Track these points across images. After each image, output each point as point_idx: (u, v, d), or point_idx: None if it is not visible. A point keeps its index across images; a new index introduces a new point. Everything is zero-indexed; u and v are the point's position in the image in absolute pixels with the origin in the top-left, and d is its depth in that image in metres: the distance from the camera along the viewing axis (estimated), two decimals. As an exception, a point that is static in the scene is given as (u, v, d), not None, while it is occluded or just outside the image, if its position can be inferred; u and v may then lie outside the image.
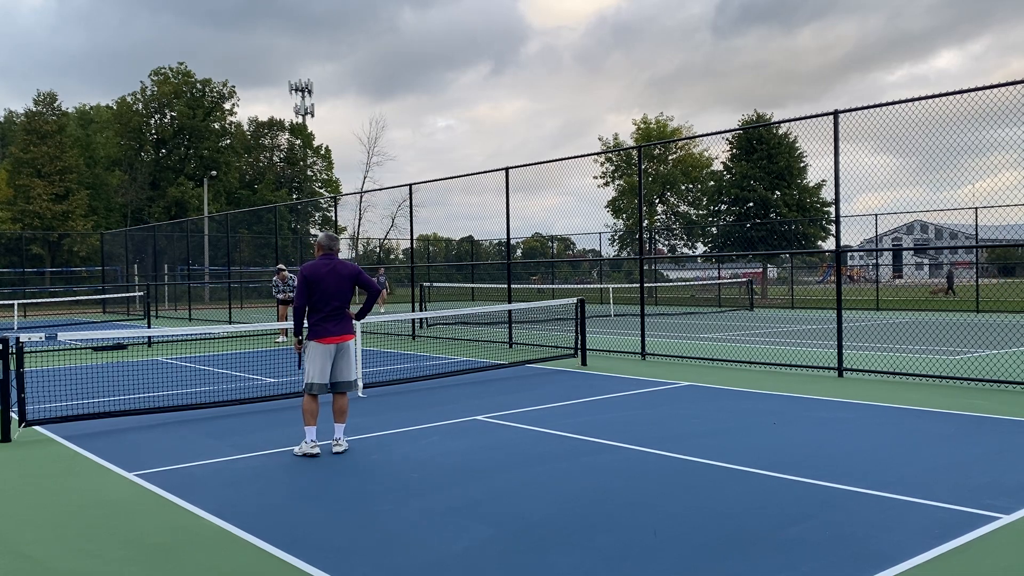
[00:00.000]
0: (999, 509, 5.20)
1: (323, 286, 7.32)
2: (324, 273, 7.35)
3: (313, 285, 7.31)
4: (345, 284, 7.38)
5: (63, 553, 4.81)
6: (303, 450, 7.19)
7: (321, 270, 7.35)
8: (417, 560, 4.53)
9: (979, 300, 25.86)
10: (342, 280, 7.37)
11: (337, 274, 7.37)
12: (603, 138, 50.28)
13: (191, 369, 13.83)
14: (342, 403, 7.42)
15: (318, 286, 7.31)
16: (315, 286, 7.31)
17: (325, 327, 7.31)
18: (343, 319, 7.39)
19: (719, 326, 21.70)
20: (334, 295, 7.33)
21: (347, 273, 7.42)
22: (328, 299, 7.32)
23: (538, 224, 61.94)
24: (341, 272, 7.39)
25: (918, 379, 10.91)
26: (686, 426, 8.13)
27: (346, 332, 7.41)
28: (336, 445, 7.32)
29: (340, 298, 7.36)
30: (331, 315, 7.32)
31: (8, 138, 54.72)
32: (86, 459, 7.26)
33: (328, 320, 7.32)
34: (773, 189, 36.15)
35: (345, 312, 7.42)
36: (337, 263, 7.45)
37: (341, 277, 7.37)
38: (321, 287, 7.31)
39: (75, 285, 43.42)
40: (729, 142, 37.09)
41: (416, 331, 20.45)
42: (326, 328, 7.31)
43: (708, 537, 4.81)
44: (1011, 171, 12.18)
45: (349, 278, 7.41)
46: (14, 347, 8.06)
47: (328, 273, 7.35)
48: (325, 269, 7.36)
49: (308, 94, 70.19)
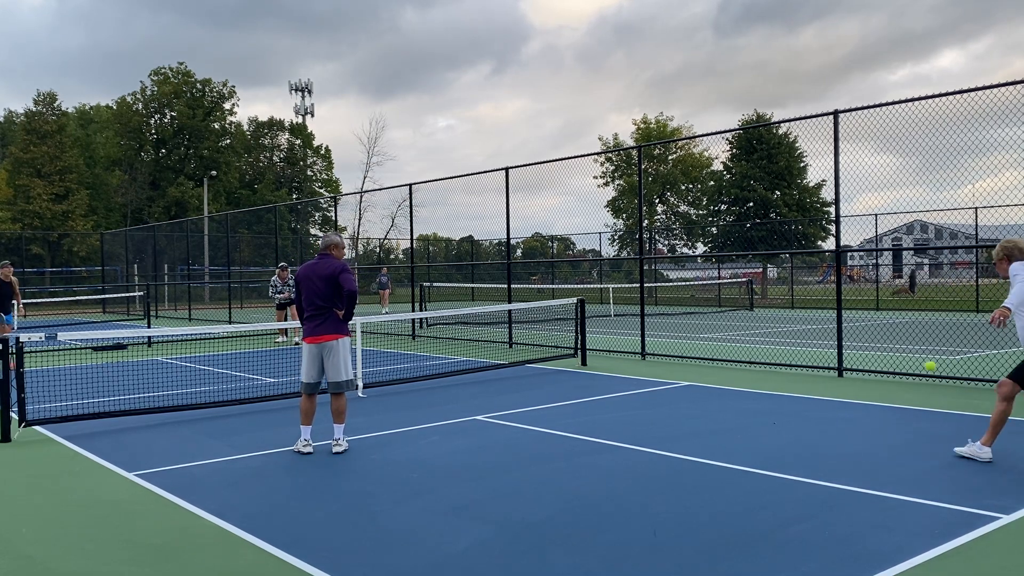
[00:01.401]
0: (999, 509, 5.20)
1: (305, 285, 7.41)
2: (307, 273, 7.43)
3: (299, 284, 7.47)
4: (322, 284, 7.33)
5: (63, 553, 4.81)
6: (297, 448, 7.30)
7: (306, 270, 7.45)
8: (417, 560, 4.53)
9: (979, 300, 25.84)
10: (320, 280, 7.34)
11: (316, 274, 7.37)
12: (603, 138, 50.33)
13: (191, 369, 13.83)
14: (338, 404, 7.43)
15: (302, 285, 7.44)
16: (300, 285, 7.46)
17: (309, 326, 7.40)
18: (326, 319, 7.36)
19: (719, 326, 21.70)
20: (314, 294, 7.36)
21: (326, 272, 7.36)
22: (310, 298, 7.38)
23: (538, 224, 62.01)
24: (320, 272, 7.37)
25: (918, 379, 10.91)
26: (686, 426, 8.13)
27: (328, 332, 7.36)
28: (336, 445, 7.33)
29: (320, 297, 7.34)
30: (313, 315, 7.38)
31: (8, 138, 54.71)
32: (86, 459, 7.26)
33: (311, 319, 7.39)
34: (773, 189, 36.16)
35: (330, 312, 7.37)
36: (320, 263, 7.44)
37: (319, 277, 7.35)
38: (304, 286, 7.42)
39: (75, 285, 43.42)
40: (729, 142, 37.12)
41: (416, 331, 20.45)
42: (309, 327, 7.40)
43: (708, 537, 4.81)
44: (1012, 171, 12.17)
45: (327, 278, 7.34)
46: (14, 347, 8.07)
47: (310, 273, 7.41)
48: (309, 269, 7.43)
49: (308, 94, 70.15)
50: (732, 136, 36.03)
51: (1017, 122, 9.67)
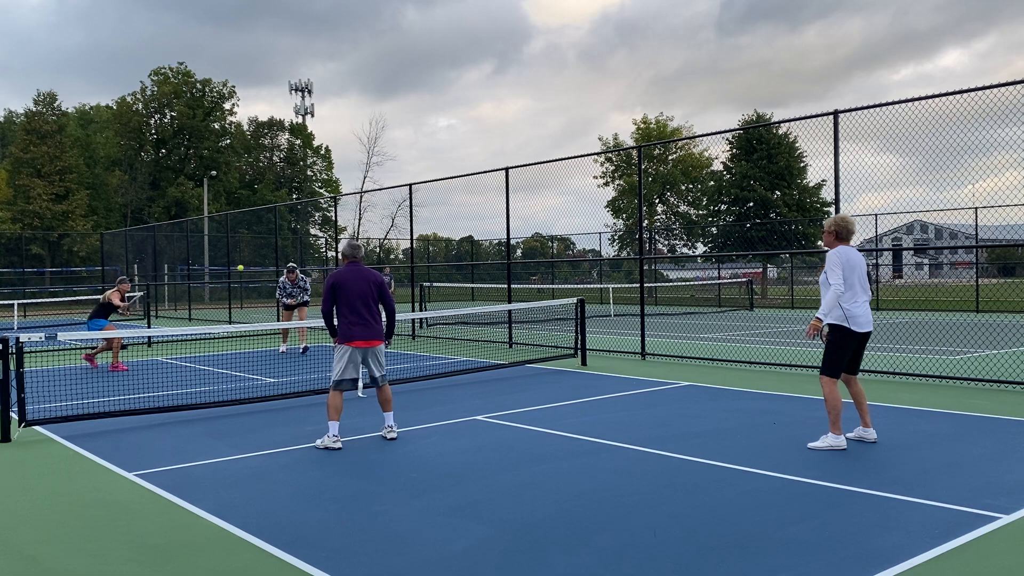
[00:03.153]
0: (999, 509, 5.20)
1: (349, 290, 7.54)
2: (351, 279, 7.59)
3: (339, 290, 7.57)
4: (369, 289, 7.60)
5: (63, 553, 4.81)
6: (325, 443, 7.37)
7: (349, 275, 7.61)
8: (417, 560, 4.53)
9: (979, 300, 25.86)
10: (367, 284, 7.61)
11: (363, 279, 7.61)
12: (603, 138, 50.32)
13: (191, 369, 13.83)
14: (386, 393, 7.80)
15: (342, 291, 7.55)
16: (338, 291, 7.57)
17: (353, 331, 7.54)
18: (373, 324, 7.60)
19: (719, 326, 21.70)
20: (358, 300, 7.54)
21: (371, 278, 7.68)
22: (353, 304, 7.54)
23: (538, 224, 62.01)
24: (367, 278, 7.64)
25: (918, 379, 10.91)
26: (686, 426, 8.12)
27: (375, 337, 7.63)
28: (389, 432, 7.70)
29: (366, 303, 7.58)
30: (360, 320, 7.54)
31: (8, 138, 54.71)
32: (86, 459, 7.26)
33: (356, 324, 7.54)
34: (773, 189, 36.16)
35: (376, 316, 7.64)
36: (361, 269, 7.72)
37: (366, 282, 7.61)
38: (345, 292, 7.54)
39: (75, 285, 43.40)
40: (729, 142, 37.12)
41: (416, 331, 20.45)
42: (355, 332, 7.54)
43: (708, 537, 4.80)
44: (1013, 171, 12.18)
45: (374, 285, 7.64)
46: (14, 347, 8.06)
47: (356, 278, 7.59)
48: (353, 274, 7.61)
49: (308, 94, 70.27)
50: (732, 136, 36.03)
51: (1018, 122, 9.67)
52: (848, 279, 6.75)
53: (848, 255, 6.81)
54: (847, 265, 6.76)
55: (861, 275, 6.88)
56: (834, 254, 6.80)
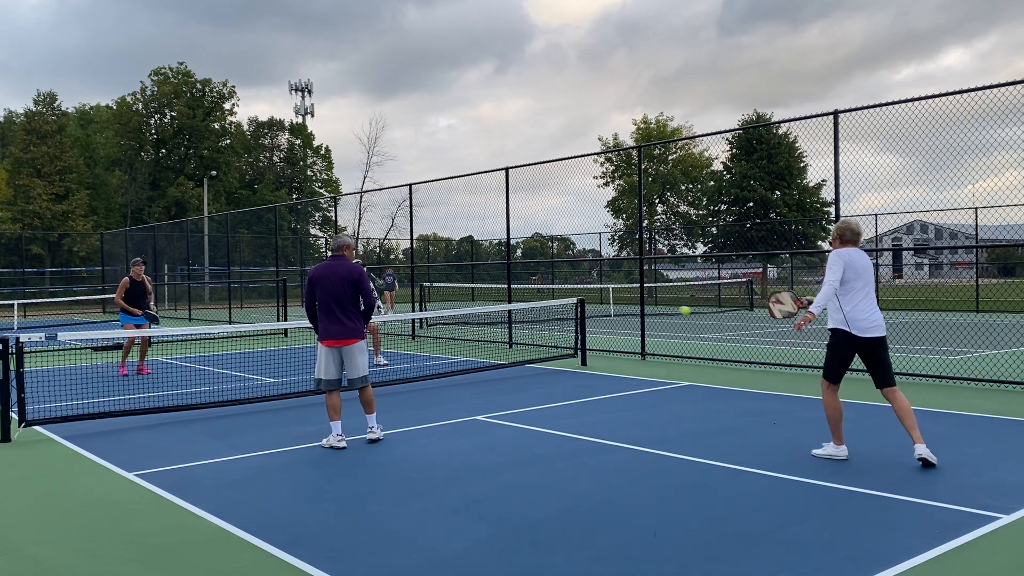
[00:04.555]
0: (999, 509, 5.20)
1: (322, 286, 7.40)
2: (324, 274, 7.42)
3: (313, 285, 7.45)
4: (341, 285, 7.37)
5: (63, 553, 4.81)
6: (329, 443, 7.38)
7: (323, 271, 7.45)
8: (417, 560, 4.53)
9: (979, 300, 25.86)
10: (340, 281, 7.38)
11: (335, 275, 7.40)
12: (603, 138, 50.31)
13: (191, 369, 13.83)
14: (366, 396, 7.66)
15: (317, 286, 7.43)
16: (314, 286, 7.46)
17: (327, 328, 7.42)
18: (345, 323, 7.40)
19: (719, 326, 21.70)
20: (332, 297, 7.37)
21: (344, 275, 7.41)
22: (327, 301, 7.39)
23: (538, 224, 62.05)
24: (339, 273, 7.40)
25: (918, 379, 10.91)
26: (686, 426, 8.12)
27: (347, 336, 7.42)
28: (370, 433, 7.63)
29: (338, 300, 7.37)
30: (332, 318, 7.39)
31: (8, 138, 54.71)
32: (86, 459, 7.26)
33: (330, 322, 7.40)
34: (773, 189, 36.15)
35: (348, 315, 7.41)
36: (337, 264, 7.48)
37: (339, 278, 7.38)
38: (320, 287, 7.41)
39: (75, 285, 43.41)
40: (729, 142, 37.11)
41: (416, 331, 20.45)
42: (328, 330, 7.42)
43: (708, 537, 4.80)
44: (1013, 171, 12.19)
45: (347, 280, 7.39)
46: (14, 347, 8.06)
47: (328, 274, 7.41)
48: (326, 271, 7.44)
49: (308, 94, 70.23)
50: (732, 136, 36.03)
51: (1018, 122, 9.67)
52: (850, 281, 6.54)
53: (850, 255, 6.60)
54: (848, 265, 6.60)
55: (867, 278, 6.63)
56: (835, 254, 6.70)
